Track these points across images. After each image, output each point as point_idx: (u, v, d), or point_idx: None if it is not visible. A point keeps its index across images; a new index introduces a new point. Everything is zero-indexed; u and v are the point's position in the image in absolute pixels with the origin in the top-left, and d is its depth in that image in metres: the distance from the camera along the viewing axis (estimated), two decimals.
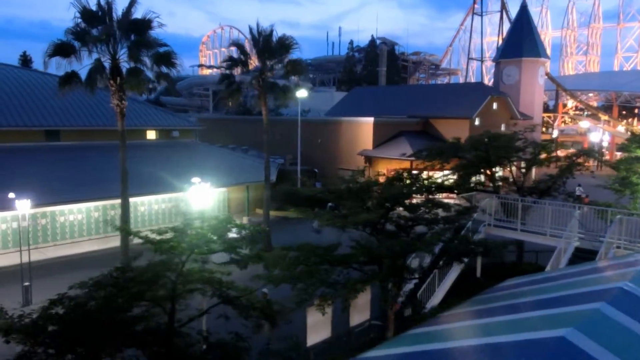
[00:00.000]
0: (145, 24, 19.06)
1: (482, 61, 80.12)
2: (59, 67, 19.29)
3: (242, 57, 24.44)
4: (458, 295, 17.81)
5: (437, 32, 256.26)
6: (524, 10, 50.88)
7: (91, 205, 27.23)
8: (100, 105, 34.09)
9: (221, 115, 67.97)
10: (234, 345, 9.21)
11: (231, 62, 24.68)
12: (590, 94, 71.17)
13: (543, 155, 21.96)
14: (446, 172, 22.12)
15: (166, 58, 19.53)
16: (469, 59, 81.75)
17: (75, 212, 26.96)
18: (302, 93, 24.64)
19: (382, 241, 13.24)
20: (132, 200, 27.96)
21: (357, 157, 40.79)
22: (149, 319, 9.02)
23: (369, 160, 40.23)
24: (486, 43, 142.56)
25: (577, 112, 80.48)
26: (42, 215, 25.74)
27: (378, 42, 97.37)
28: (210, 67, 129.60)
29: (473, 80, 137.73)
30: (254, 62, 25.90)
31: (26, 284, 18.20)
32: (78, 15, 18.55)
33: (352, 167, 41.69)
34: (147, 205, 29.97)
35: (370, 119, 39.79)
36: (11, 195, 18.26)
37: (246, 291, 10.13)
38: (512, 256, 22.89)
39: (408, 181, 16.25)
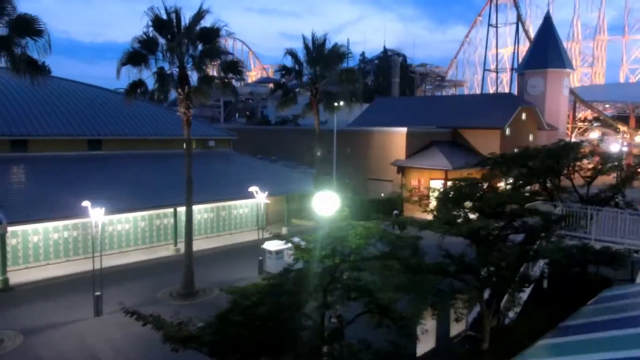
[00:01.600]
0: (213, 33, 19.10)
1: (496, 72, 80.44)
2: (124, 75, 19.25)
3: (296, 66, 24.45)
4: (526, 305, 17.69)
5: (436, 44, 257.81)
6: (548, 21, 51.26)
7: (138, 215, 27.06)
8: (138, 115, 34.16)
9: (246, 126, 67.98)
10: (397, 353, 9.01)
11: (285, 71, 24.70)
12: (607, 105, 71.42)
13: (609, 165, 21.94)
14: (507, 181, 22.05)
15: (234, 66, 19.56)
16: (485, 70, 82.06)
17: (123, 222, 26.78)
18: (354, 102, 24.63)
19: (481, 250, 13.09)
20: (178, 209, 27.95)
21: (387, 168, 40.75)
22: (303, 326, 8.87)
23: (402, 170, 40.15)
24: (491, 55, 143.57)
25: (585, 124, 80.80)
26: (84, 225, 25.54)
27: (389, 53, 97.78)
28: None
29: (479, 91, 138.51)
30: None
31: (97, 293, 17.98)
32: (150, 24, 18.56)
33: (382, 177, 41.73)
34: (171, 217, 29.63)
35: (404, 129, 39.81)
36: (85, 203, 18.06)
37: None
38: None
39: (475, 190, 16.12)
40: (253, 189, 23.84)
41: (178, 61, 19.09)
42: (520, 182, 21.91)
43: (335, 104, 24.35)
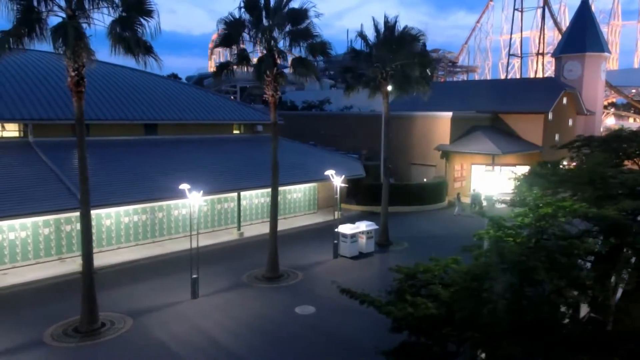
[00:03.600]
0: (302, 14, 18.81)
1: (521, 57, 79.64)
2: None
3: (367, 49, 24.14)
4: None
5: (439, 30, 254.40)
6: (585, 4, 50.54)
7: (202, 198, 26.91)
8: (189, 100, 33.96)
9: (285, 112, 67.52)
10: None
11: (355, 54, 24.38)
12: (633, 91, 70.91)
13: None
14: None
15: (322, 48, 19.30)
16: (510, 55, 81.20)
17: (187, 206, 26.69)
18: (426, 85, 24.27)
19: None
20: (239, 193, 27.92)
21: (430, 153, 40.51)
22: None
23: (446, 155, 39.93)
24: (502, 40, 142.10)
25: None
26: (159, 209, 25.51)
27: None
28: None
29: (489, 77, 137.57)
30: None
31: (194, 276, 17.95)
32: (242, 4, 18.28)
33: (426, 162, 41.51)
34: (248, 199, 29.75)
35: (448, 114, 39.49)
36: (185, 185, 18.00)
37: None
38: None
39: None
40: (329, 172, 23.71)
41: (266, 43, 18.83)
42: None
43: (403, 87, 24.00)
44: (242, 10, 18.47)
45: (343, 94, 26.06)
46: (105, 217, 23.47)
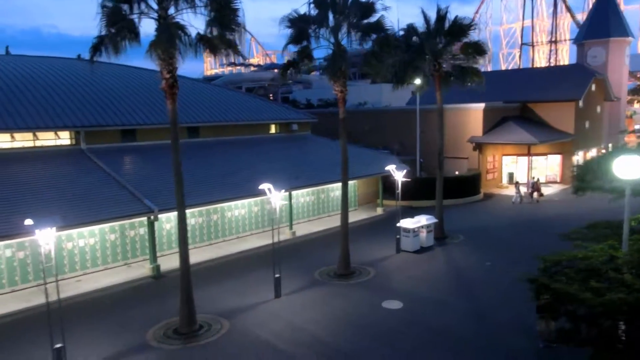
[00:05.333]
0: (370, 7, 18.77)
1: (532, 46, 79.55)
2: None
3: (417, 39, 24.09)
4: None
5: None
6: None
7: (251, 200, 26.91)
8: (228, 102, 33.94)
9: (310, 110, 67.32)
10: None
11: (407, 46, 24.28)
12: None
13: None
14: None
15: (387, 42, 19.24)
16: (522, 44, 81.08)
17: (239, 207, 26.70)
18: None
19: None
20: (290, 192, 27.87)
21: (462, 145, 40.45)
22: None
23: (479, 147, 39.90)
24: (502, 31, 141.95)
25: None
26: (214, 211, 25.48)
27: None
28: (242, 65, 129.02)
29: (489, 69, 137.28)
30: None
31: (277, 275, 17.92)
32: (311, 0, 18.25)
33: (457, 155, 41.45)
34: (294, 199, 29.70)
35: (480, 105, 39.46)
36: (264, 185, 17.96)
37: None
38: None
39: None
40: (390, 167, 23.70)
41: (334, 38, 18.78)
42: None
43: (460, 79, 23.96)
44: (311, 6, 18.42)
45: (392, 88, 25.96)
46: (166, 221, 23.43)
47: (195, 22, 25.23)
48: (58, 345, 12.57)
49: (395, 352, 13.55)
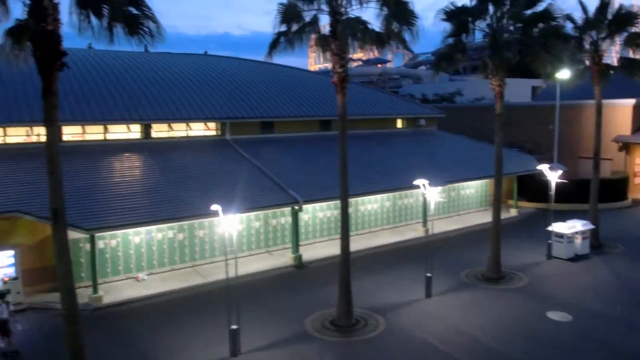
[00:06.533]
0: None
1: None
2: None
3: (577, 32, 22.06)
4: None
5: None
6: None
7: (384, 195, 26.56)
8: (358, 96, 33.97)
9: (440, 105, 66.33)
10: None
11: (565, 38, 22.32)
12: None
13: None
14: None
15: (557, 33, 17.77)
16: None
17: (372, 202, 26.55)
18: None
19: None
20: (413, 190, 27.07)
21: (605, 145, 36.59)
22: None
23: (626, 147, 36.02)
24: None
25: None
26: (349, 204, 25.48)
27: None
28: (367, 61, 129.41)
29: None
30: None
31: (428, 274, 17.43)
32: None
33: (600, 156, 37.66)
34: (414, 197, 28.68)
35: (630, 101, 35.55)
36: (421, 181, 17.54)
37: None
38: None
39: None
40: (542, 167, 22.14)
41: (491, 30, 17.73)
42: None
43: (632, 72, 21.61)
44: None
45: (544, 81, 24.09)
46: (304, 212, 23.90)
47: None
48: (233, 327, 13.22)
49: None
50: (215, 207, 12.96)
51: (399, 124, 34.76)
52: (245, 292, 17.82)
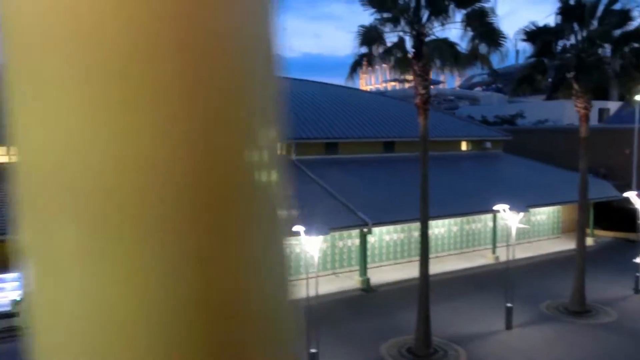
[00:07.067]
0: (626, 15, 16.63)
1: None
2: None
3: None
4: None
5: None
6: None
7: (452, 220, 25.87)
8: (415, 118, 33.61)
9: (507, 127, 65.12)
10: None
11: None
12: None
13: None
14: None
15: None
16: None
17: (439, 226, 25.90)
18: None
19: None
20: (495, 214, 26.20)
21: None
22: None
23: None
24: None
25: None
26: (415, 227, 24.99)
27: None
28: (398, 80, 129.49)
29: None
30: None
31: (509, 305, 16.66)
32: (557, 11, 16.80)
33: None
34: (482, 222, 27.67)
35: None
36: (501, 206, 16.94)
37: None
38: None
39: None
40: (629, 194, 20.90)
41: (576, 50, 17.03)
42: None
43: None
44: (558, 16, 16.98)
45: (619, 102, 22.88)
46: (371, 234, 23.62)
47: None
48: (313, 350, 13.04)
49: None
50: (298, 228, 12.97)
51: (464, 146, 33.98)
52: (317, 315, 17.71)
